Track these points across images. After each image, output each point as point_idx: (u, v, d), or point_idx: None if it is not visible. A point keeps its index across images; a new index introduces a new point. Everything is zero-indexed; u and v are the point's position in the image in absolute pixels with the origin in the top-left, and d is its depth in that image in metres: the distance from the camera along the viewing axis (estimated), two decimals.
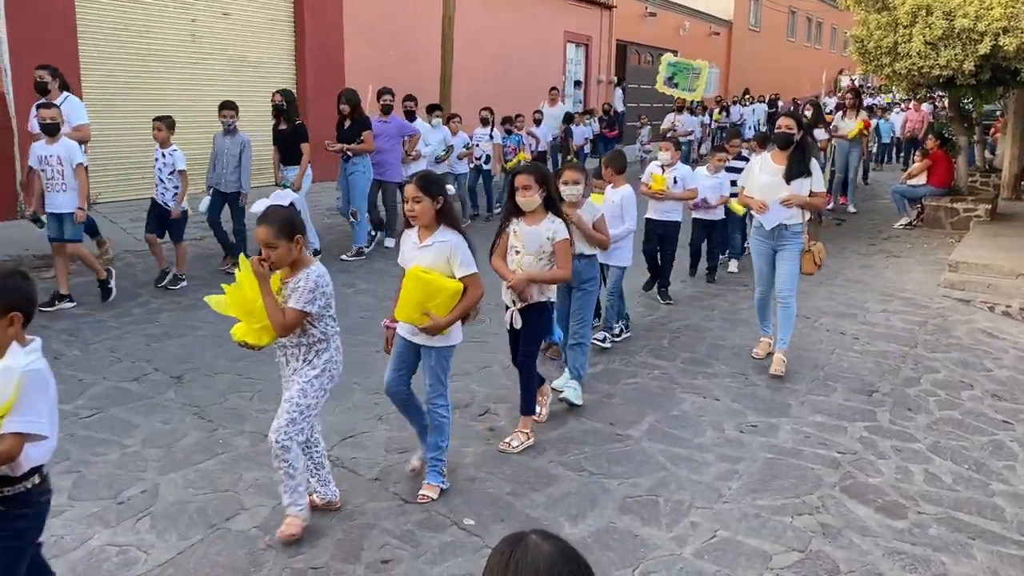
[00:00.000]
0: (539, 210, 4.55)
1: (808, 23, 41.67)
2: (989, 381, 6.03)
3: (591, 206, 5.26)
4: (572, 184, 5.10)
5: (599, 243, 5.30)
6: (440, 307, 3.87)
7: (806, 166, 5.80)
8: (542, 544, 1.44)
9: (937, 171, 12.09)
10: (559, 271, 4.54)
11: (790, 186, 5.76)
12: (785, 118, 5.96)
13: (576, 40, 22.39)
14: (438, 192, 3.93)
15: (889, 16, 10.89)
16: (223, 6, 12.38)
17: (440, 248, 3.93)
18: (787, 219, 5.84)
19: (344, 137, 9.20)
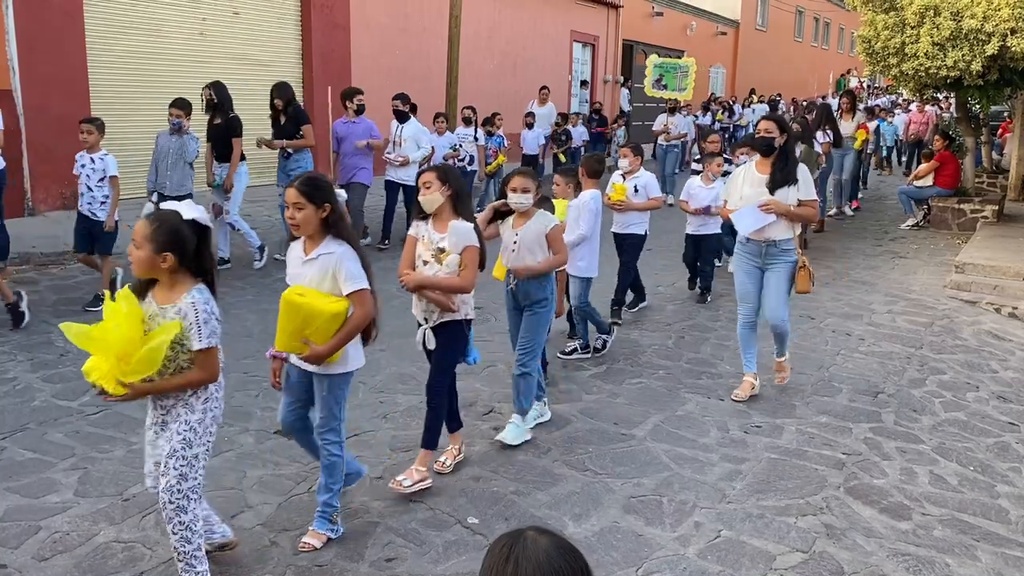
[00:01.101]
0: (446, 211, 4.10)
1: (815, 23, 41.57)
2: (995, 383, 6.02)
3: (543, 216, 4.67)
4: (520, 192, 4.55)
5: (556, 262, 4.68)
6: (320, 332, 3.41)
7: (791, 173, 5.27)
8: (540, 539, 1.47)
9: (944, 172, 12.06)
10: (456, 280, 4.02)
11: (774, 196, 5.25)
12: (765, 121, 5.38)
13: (583, 40, 22.38)
14: (324, 198, 3.46)
15: (896, 17, 10.87)
16: (233, 5, 12.41)
17: (325, 262, 3.48)
18: (776, 235, 5.28)
19: (281, 134, 8.81)
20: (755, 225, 5.25)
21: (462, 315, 4.16)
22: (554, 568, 1.43)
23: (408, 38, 15.56)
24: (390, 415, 5.06)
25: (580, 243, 5.95)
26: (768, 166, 5.32)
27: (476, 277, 4.09)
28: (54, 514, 3.82)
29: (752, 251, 5.39)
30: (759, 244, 5.33)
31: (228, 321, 4.73)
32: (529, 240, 4.61)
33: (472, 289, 4.09)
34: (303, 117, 8.84)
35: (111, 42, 10.76)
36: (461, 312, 4.15)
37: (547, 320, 4.80)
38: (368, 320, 3.54)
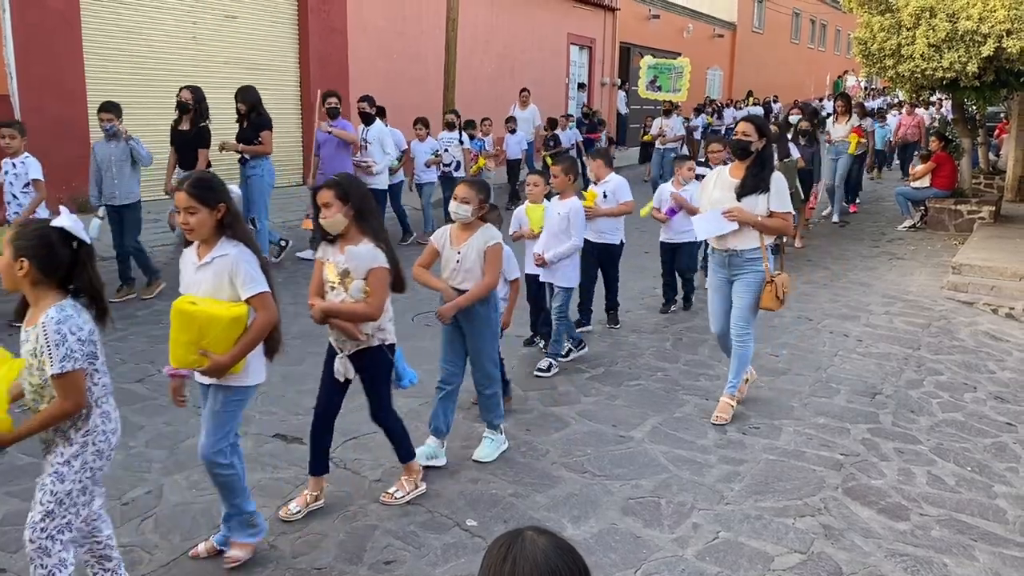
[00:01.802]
0: (352, 231, 3.73)
1: (812, 25, 41.66)
2: (992, 383, 6.03)
3: (487, 232, 4.36)
4: (460, 203, 4.25)
5: (484, 288, 4.35)
6: (219, 341, 3.16)
7: (764, 180, 4.90)
8: (538, 539, 1.48)
9: (941, 173, 12.07)
10: (361, 306, 3.69)
11: (741, 203, 4.90)
12: (743, 123, 5.04)
13: (580, 42, 22.42)
14: (217, 199, 3.24)
15: (892, 18, 10.89)
16: (227, 9, 12.42)
17: (220, 265, 3.24)
18: (739, 244, 4.96)
19: (241, 138, 8.56)
20: (711, 231, 4.99)
21: (378, 341, 3.84)
22: (551, 568, 1.44)
23: (405, 41, 15.58)
24: None
25: (572, 253, 5.83)
26: (742, 170, 5.00)
27: (386, 302, 3.76)
28: None
29: (717, 261, 5.16)
30: (722, 254, 5.09)
31: None
32: (473, 257, 4.32)
33: (380, 315, 3.74)
34: (264, 123, 8.55)
35: (108, 46, 10.77)
36: (375, 338, 3.83)
37: (491, 329, 4.49)
38: (272, 324, 3.29)
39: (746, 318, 5.07)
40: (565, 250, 5.76)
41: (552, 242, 5.80)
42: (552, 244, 5.80)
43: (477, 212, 4.30)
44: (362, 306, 3.70)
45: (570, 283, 5.91)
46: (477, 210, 4.30)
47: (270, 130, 8.58)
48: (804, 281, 8.93)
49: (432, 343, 6.43)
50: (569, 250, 5.77)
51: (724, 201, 4.95)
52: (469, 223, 4.34)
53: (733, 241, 4.98)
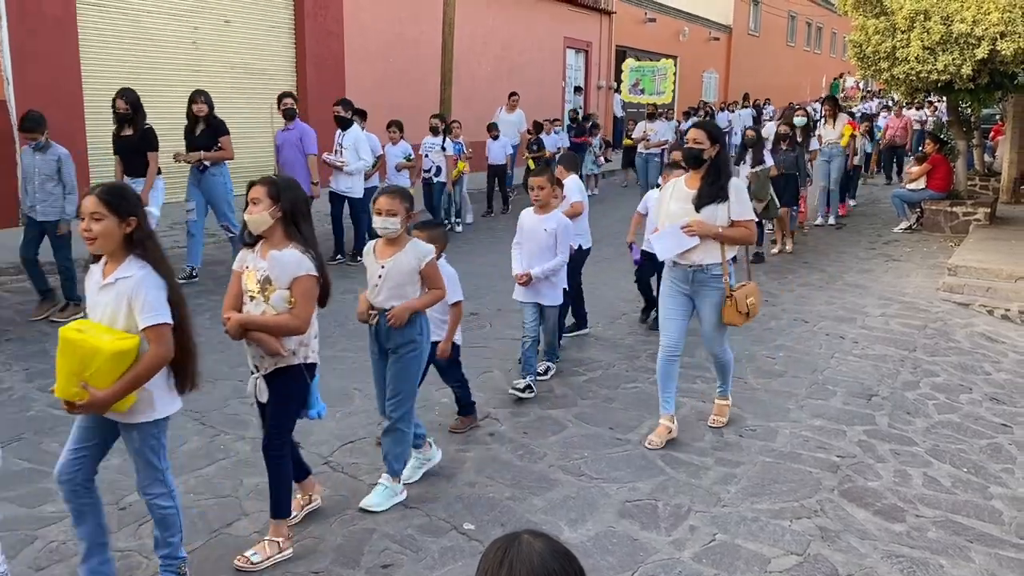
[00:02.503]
0: (276, 235, 3.45)
1: (808, 28, 41.78)
2: (988, 384, 6.05)
3: (416, 248, 3.98)
4: (387, 216, 3.88)
5: (434, 297, 4.06)
6: (101, 375, 2.89)
7: (721, 188, 4.61)
8: (535, 542, 1.48)
9: (936, 175, 12.11)
10: (284, 318, 3.38)
11: (700, 214, 4.60)
12: (694, 130, 4.71)
13: (576, 46, 22.47)
14: (129, 211, 2.97)
15: (887, 21, 10.93)
16: (224, 14, 12.44)
17: (122, 288, 2.97)
18: (704, 258, 4.66)
19: (197, 144, 8.17)
20: (674, 250, 4.66)
21: (299, 359, 3.51)
22: (547, 571, 1.44)
23: (402, 44, 15.60)
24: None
25: (559, 270, 5.53)
26: (697, 180, 4.68)
27: (312, 314, 3.47)
28: (50, 524, 3.83)
29: (679, 276, 4.79)
30: (685, 269, 4.73)
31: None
32: (398, 275, 3.93)
33: (306, 329, 3.44)
34: (222, 127, 8.22)
35: (104, 52, 10.79)
36: (298, 356, 3.50)
37: (417, 365, 4.08)
38: (165, 360, 3.01)
39: (718, 337, 4.87)
40: (553, 266, 5.44)
41: (538, 259, 5.45)
42: (537, 262, 5.45)
43: (404, 223, 3.96)
44: (286, 317, 3.38)
45: (557, 301, 5.60)
46: (404, 221, 3.95)
47: (228, 135, 8.28)
48: (800, 283, 8.95)
49: None
50: (557, 266, 5.47)
51: (682, 214, 4.64)
52: (397, 237, 3.96)
53: (697, 255, 4.66)
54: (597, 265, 9.30)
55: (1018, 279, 8.40)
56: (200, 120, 8.17)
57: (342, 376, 5.70)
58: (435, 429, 5.01)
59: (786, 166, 10.03)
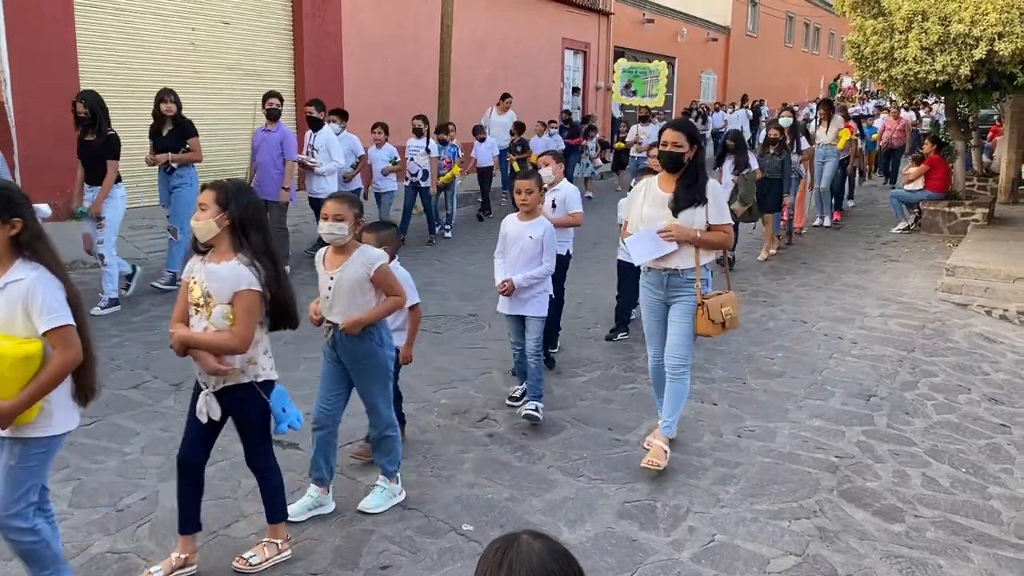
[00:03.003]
0: (224, 245, 3.25)
1: (806, 28, 41.82)
2: (986, 385, 6.05)
3: (365, 254, 3.79)
4: (334, 221, 3.69)
5: (391, 306, 3.88)
6: (7, 383, 2.70)
7: (699, 191, 4.39)
8: (534, 543, 1.48)
9: (934, 176, 12.12)
10: (223, 336, 3.18)
11: (678, 219, 4.39)
12: (671, 132, 4.42)
13: (574, 47, 22.48)
14: (12, 212, 2.78)
15: (885, 22, 10.94)
16: (223, 15, 12.44)
17: (13, 292, 2.75)
18: (680, 263, 4.43)
19: (164, 145, 7.83)
20: (650, 254, 4.44)
21: (249, 377, 3.31)
22: (547, 571, 1.44)
23: (400, 46, 15.59)
24: None
25: (545, 277, 5.15)
26: (672, 183, 4.44)
27: (254, 332, 3.23)
28: None
29: (653, 281, 4.58)
30: (660, 273, 4.52)
31: None
32: (348, 285, 3.75)
33: (245, 348, 3.21)
34: (190, 129, 7.89)
35: (102, 53, 10.77)
36: (247, 374, 3.30)
37: (382, 372, 3.95)
38: (74, 363, 2.80)
39: (683, 347, 4.50)
40: (537, 273, 5.07)
41: (522, 269, 5.09)
42: (522, 272, 5.09)
43: (353, 230, 3.77)
44: (224, 336, 3.16)
45: (543, 312, 5.17)
46: (353, 228, 3.76)
47: (197, 136, 7.92)
48: (799, 284, 8.95)
49: (428, 347, 6.45)
50: (542, 273, 5.10)
51: (657, 218, 4.42)
52: (345, 245, 3.78)
53: (674, 260, 4.44)
54: (594, 266, 9.33)
55: (1016, 279, 8.41)
56: (168, 120, 7.84)
57: None
58: (434, 430, 5.01)
59: (771, 170, 9.69)
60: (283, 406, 3.44)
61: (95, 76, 10.56)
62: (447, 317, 7.43)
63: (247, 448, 3.50)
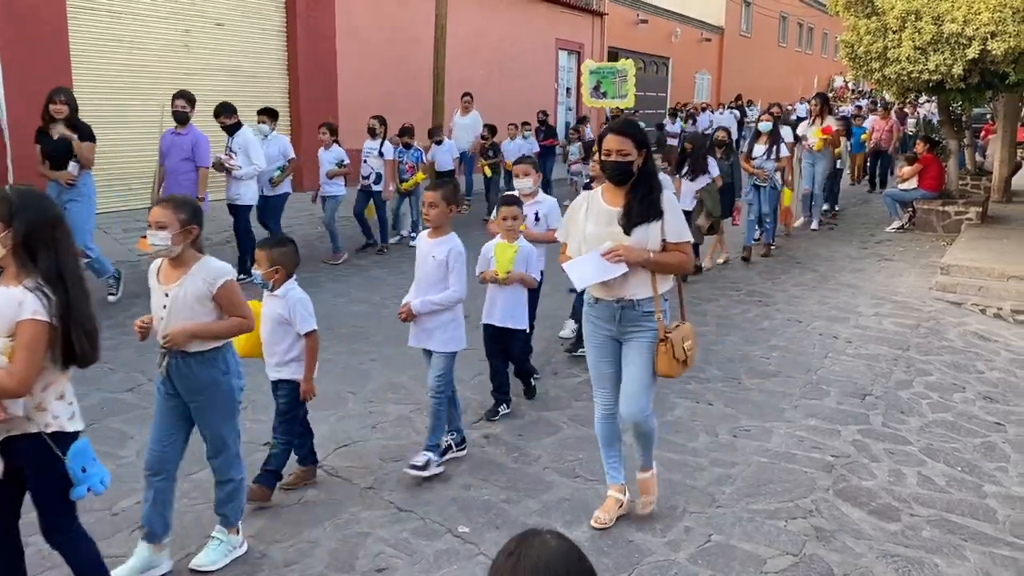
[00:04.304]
0: (12, 268, 2.77)
1: (799, 28, 41.91)
2: (981, 383, 6.06)
3: (207, 267, 3.32)
4: (156, 228, 3.22)
5: (234, 326, 3.38)
6: None
7: (654, 204, 3.68)
8: (550, 541, 1.50)
9: (928, 175, 12.16)
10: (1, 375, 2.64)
11: (631, 237, 3.67)
12: (614, 137, 3.66)
13: (568, 47, 22.49)
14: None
15: (878, 21, 10.96)
16: (216, 17, 12.41)
17: None
18: (635, 292, 3.71)
19: (52, 148, 7.15)
20: (594, 278, 3.72)
21: (38, 426, 2.76)
22: (552, 569, 1.45)
23: (394, 47, 15.59)
24: (380, 425, 5.06)
25: (452, 305, 4.42)
26: (620, 196, 3.73)
27: (36, 372, 2.69)
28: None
29: (603, 315, 3.82)
30: (611, 305, 3.77)
31: None
32: (187, 304, 3.28)
33: (24, 390, 2.67)
34: (86, 132, 7.24)
35: (96, 56, 10.75)
36: (36, 422, 2.76)
37: (229, 406, 3.47)
38: None
39: (644, 396, 3.80)
40: (441, 299, 4.36)
41: (426, 293, 4.43)
42: (426, 295, 4.44)
43: (183, 240, 3.26)
44: (3, 374, 2.63)
45: (449, 347, 4.47)
46: (182, 236, 3.25)
47: (93, 140, 7.28)
48: (793, 283, 8.96)
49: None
50: (446, 300, 4.36)
51: (604, 238, 3.70)
52: (180, 256, 3.29)
53: (628, 287, 3.71)
54: None
55: (1010, 278, 8.43)
56: (59, 122, 7.10)
57: (334, 380, 5.68)
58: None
59: (721, 174, 9.13)
60: (83, 465, 2.82)
61: (89, 79, 10.55)
62: None
63: (40, 516, 2.89)
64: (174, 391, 3.40)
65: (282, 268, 3.96)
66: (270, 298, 4.02)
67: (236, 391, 3.48)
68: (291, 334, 4.00)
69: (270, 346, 4.04)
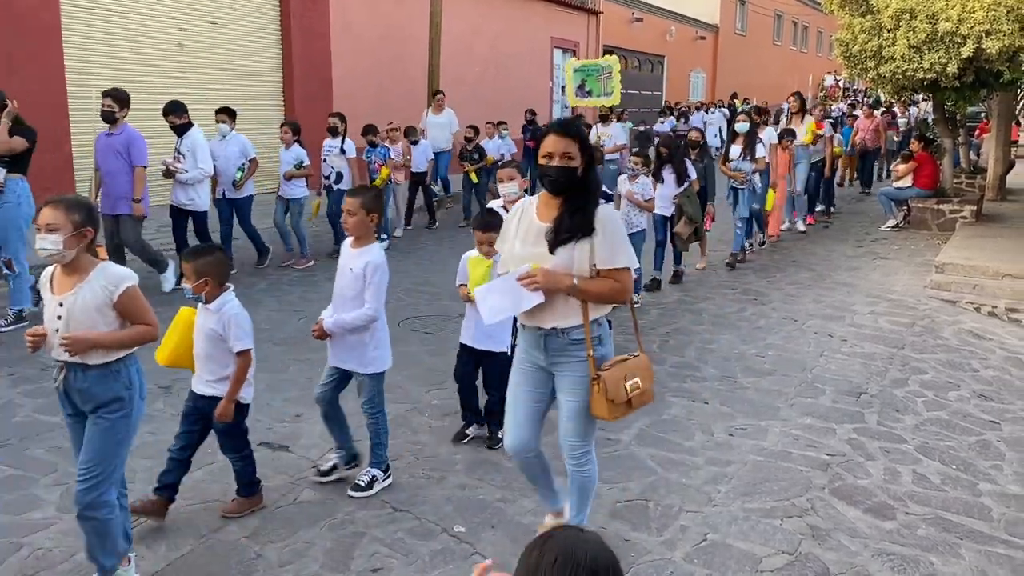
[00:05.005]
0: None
1: (794, 27, 41.96)
2: (976, 381, 6.07)
3: (107, 273, 3.08)
4: (44, 232, 2.99)
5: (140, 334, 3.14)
6: None
7: (586, 219, 3.15)
8: (581, 533, 1.54)
9: (923, 173, 12.19)
10: None
11: (555, 257, 3.15)
12: (555, 137, 3.16)
13: (563, 46, 22.48)
14: None
15: (873, 20, 10.99)
16: (211, 15, 12.38)
17: None
18: (562, 320, 3.22)
19: None
20: (507, 310, 3.24)
21: None
22: (573, 556, 1.48)
23: (389, 45, 15.56)
24: None
25: (367, 324, 4.04)
26: (555, 207, 3.22)
27: None
28: (37, 531, 3.79)
29: (530, 341, 3.35)
30: (536, 333, 3.30)
31: None
32: (83, 315, 3.04)
33: None
34: (28, 135, 6.77)
35: (89, 56, 10.70)
36: None
37: (125, 430, 3.17)
38: None
39: (578, 433, 3.38)
40: (353, 319, 4.00)
41: (342, 308, 4.09)
42: (342, 311, 4.08)
43: (76, 243, 3.03)
44: None
45: (371, 368, 4.13)
46: (76, 239, 3.02)
47: (30, 143, 6.77)
48: (788, 282, 8.97)
49: (420, 348, 6.43)
50: (359, 320, 4.01)
51: (527, 258, 3.21)
52: (75, 262, 3.05)
53: (549, 316, 3.23)
54: None
55: (1004, 276, 8.45)
56: None
57: None
58: (425, 430, 4.99)
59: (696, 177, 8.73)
60: None
61: (82, 79, 10.50)
62: (439, 317, 7.41)
63: None
64: (75, 411, 3.18)
65: (210, 278, 3.71)
66: (204, 311, 3.80)
67: (137, 413, 3.22)
68: (228, 349, 3.76)
69: (204, 361, 3.81)
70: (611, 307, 3.35)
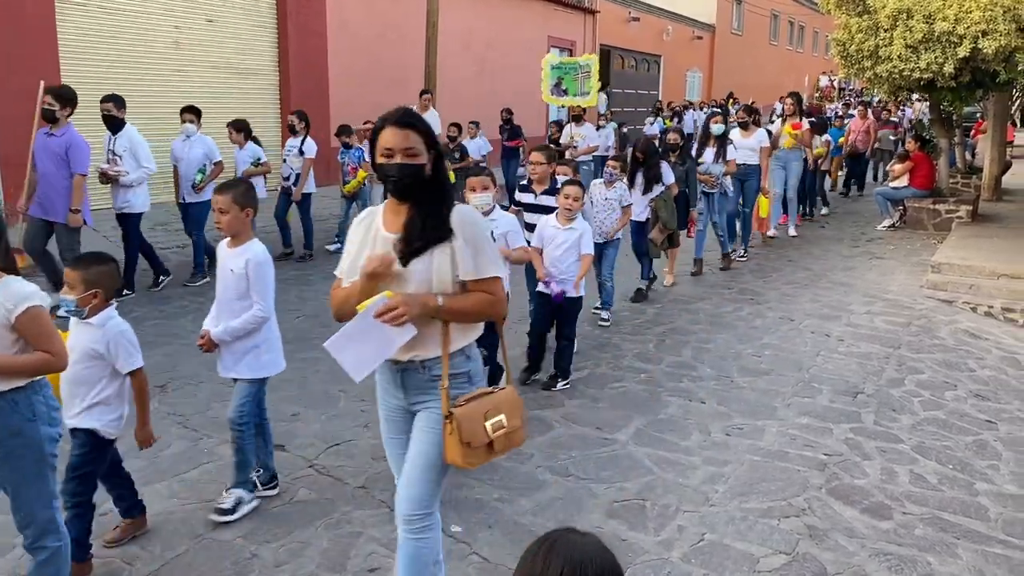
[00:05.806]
0: None
1: (790, 27, 42.01)
2: (972, 381, 6.08)
3: (7, 288, 2.71)
4: None
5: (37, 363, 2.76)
6: None
7: (441, 224, 2.69)
8: (587, 536, 1.54)
9: (919, 173, 12.21)
10: None
11: (409, 271, 2.67)
12: (395, 130, 2.66)
13: (560, 45, 22.45)
14: None
15: (870, 20, 10.98)
16: (207, 13, 12.35)
17: None
18: (424, 350, 2.72)
19: None
20: (375, 357, 2.69)
21: None
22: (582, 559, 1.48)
23: (386, 44, 15.55)
24: (371, 424, 5.02)
25: (258, 326, 3.79)
26: (402, 213, 2.74)
27: None
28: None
29: (387, 378, 2.86)
30: (393, 368, 2.80)
31: None
32: None
33: None
34: None
35: (84, 53, 10.67)
36: None
37: (31, 461, 2.85)
38: None
39: (420, 486, 2.77)
40: (242, 323, 3.74)
41: (227, 312, 3.81)
42: (227, 315, 3.80)
43: None
44: None
45: (260, 373, 3.88)
46: None
47: None
48: (785, 282, 8.97)
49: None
50: (249, 323, 3.75)
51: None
52: None
53: (412, 344, 2.68)
54: None
55: (1000, 276, 8.46)
56: None
57: (325, 378, 5.65)
58: None
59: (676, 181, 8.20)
60: None
61: (77, 77, 10.46)
62: None
63: None
64: None
65: (100, 291, 3.33)
66: (82, 326, 3.35)
67: (47, 442, 2.87)
68: (105, 372, 3.37)
69: (73, 386, 3.34)
70: (479, 333, 2.87)
